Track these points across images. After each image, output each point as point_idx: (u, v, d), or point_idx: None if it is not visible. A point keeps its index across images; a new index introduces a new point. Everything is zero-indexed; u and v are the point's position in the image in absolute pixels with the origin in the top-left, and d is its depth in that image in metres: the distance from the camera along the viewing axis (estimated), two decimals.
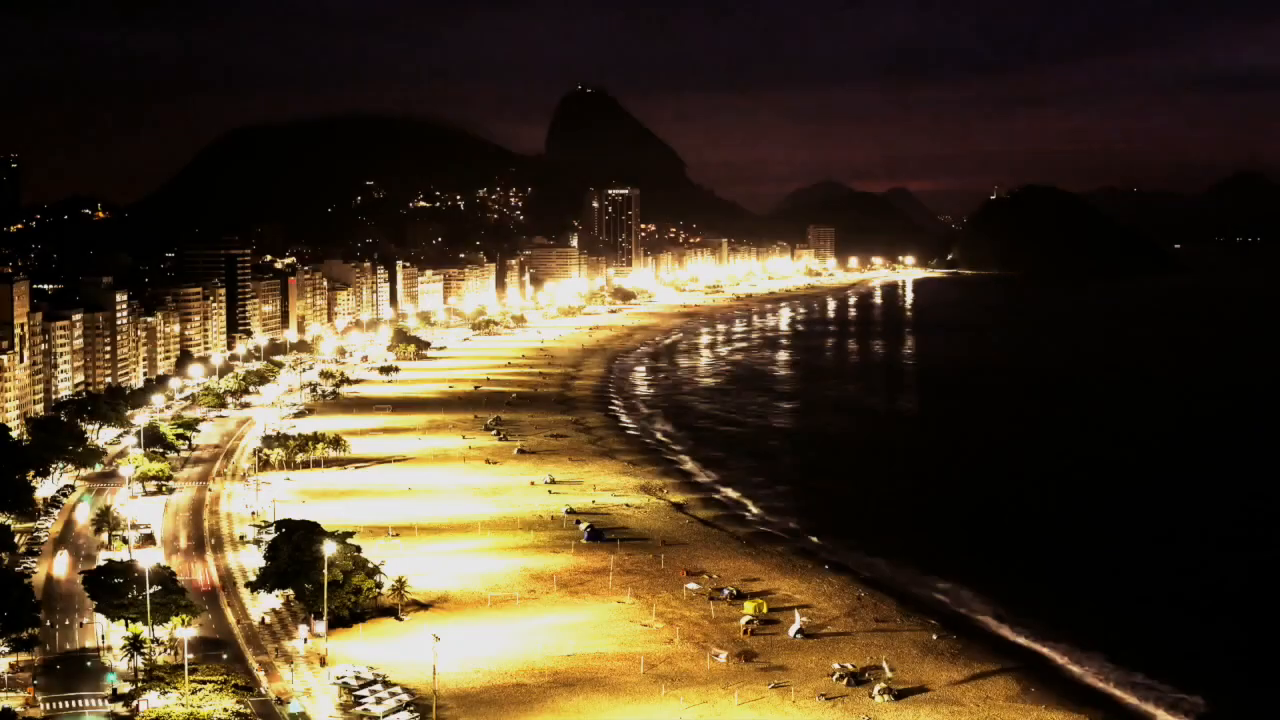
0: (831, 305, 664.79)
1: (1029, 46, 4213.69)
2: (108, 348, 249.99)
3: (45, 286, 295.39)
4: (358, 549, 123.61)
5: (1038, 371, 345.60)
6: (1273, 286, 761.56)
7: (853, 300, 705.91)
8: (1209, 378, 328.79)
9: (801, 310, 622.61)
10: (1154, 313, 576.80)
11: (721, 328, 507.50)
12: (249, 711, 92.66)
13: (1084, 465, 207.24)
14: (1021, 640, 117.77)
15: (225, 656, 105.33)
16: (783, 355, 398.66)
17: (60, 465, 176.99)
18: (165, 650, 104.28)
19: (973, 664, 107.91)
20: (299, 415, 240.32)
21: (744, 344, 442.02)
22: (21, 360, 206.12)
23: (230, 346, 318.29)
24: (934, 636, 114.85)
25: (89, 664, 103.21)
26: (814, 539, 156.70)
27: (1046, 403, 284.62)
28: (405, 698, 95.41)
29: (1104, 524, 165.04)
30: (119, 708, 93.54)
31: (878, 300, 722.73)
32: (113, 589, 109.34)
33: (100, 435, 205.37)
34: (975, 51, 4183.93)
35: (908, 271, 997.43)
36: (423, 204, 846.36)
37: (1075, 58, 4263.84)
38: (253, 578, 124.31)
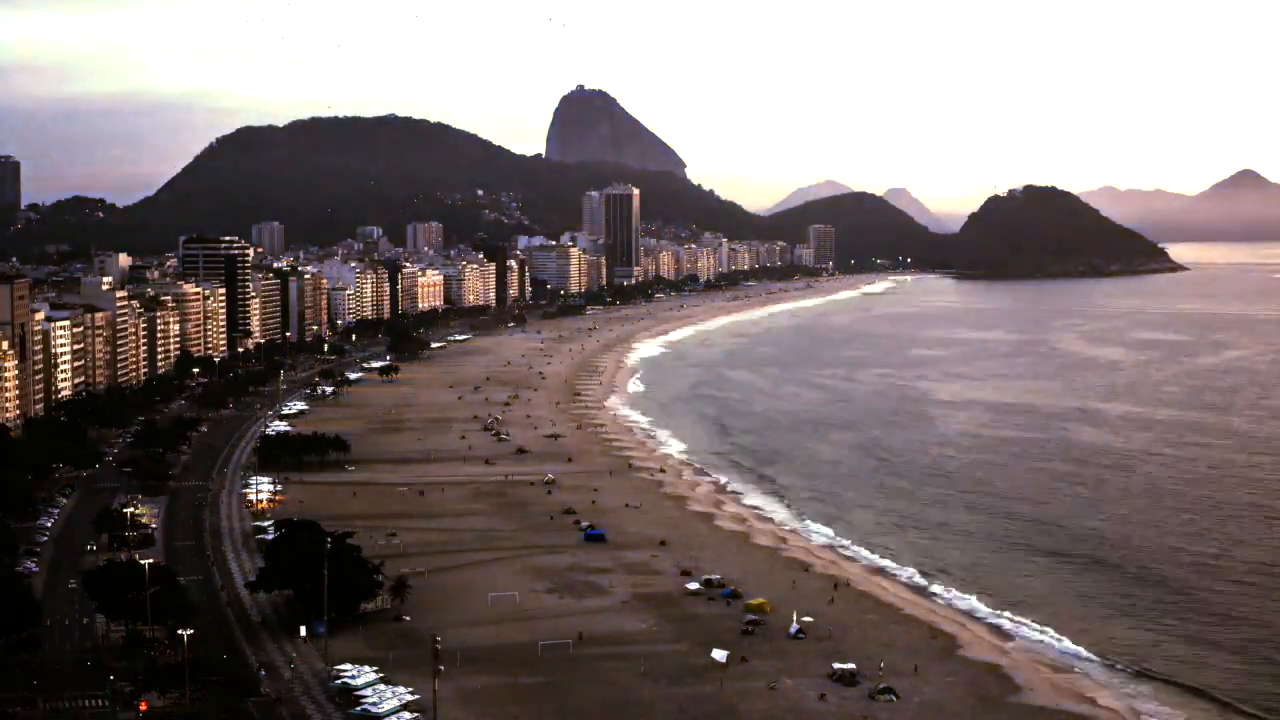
0: (832, 304, 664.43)
1: None
2: (107, 348, 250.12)
3: (45, 286, 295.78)
4: (357, 549, 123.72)
5: (1039, 371, 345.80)
6: None
7: (853, 299, 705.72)
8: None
9: (801, 310, 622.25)
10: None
11: (720, 327, 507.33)
12: (249, 711, 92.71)
13: (1085, 465, 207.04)
14: (1021, 640, 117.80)
15: (225, 656, 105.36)
16: (783, 354, 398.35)
17: (60, 465, 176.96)
18: (165, 650, 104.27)
19: (972, 663, 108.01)
20: (298, 415, 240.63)
21: (743, 342, 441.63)
22: (21, 360, 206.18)
23: (230, 347, 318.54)
24: (932, 637, 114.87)
25: (89, 664, 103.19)
26: (814, 538, 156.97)
27: (1047, 403, 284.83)
28: (406, 697, 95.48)
29: (1107, 524, 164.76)
30: (119, 708, 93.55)
31: (878, 299, 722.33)
32: (113, 589, 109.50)
33: (100, 435, 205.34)
34: None
35: (908, 272, 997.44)
36: (423, 204, 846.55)
37: None
38: (253, 577, 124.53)
